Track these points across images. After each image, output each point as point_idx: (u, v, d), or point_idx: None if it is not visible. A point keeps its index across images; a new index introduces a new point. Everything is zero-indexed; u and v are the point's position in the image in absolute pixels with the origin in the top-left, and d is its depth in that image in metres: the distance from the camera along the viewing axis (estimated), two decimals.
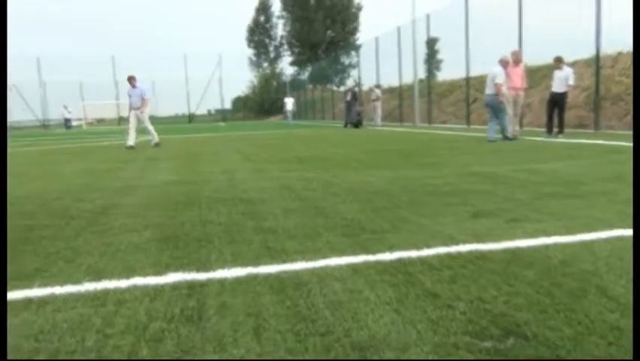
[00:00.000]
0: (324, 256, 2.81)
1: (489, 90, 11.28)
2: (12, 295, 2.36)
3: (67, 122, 40.86)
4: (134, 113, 13.64)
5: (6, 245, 3.01)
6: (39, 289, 2.43)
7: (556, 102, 11.95)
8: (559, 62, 12.03)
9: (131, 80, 13.88)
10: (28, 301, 2.27)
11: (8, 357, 1.70)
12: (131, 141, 13.19)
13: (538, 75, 17.56)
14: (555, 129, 12.01)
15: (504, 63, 11.28)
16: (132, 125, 13.58)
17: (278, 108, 54.10)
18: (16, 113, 50.32)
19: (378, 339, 1.80)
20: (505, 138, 10.98)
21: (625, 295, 2.11)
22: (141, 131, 13.99)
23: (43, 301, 2.27)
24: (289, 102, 35.40)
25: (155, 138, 13.74)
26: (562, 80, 11.79)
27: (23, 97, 50.10)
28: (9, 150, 11.59)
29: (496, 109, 11.18)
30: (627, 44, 15.05)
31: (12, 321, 2.06)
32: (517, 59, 11.83)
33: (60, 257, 2.97)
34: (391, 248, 2.91)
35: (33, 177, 7.44)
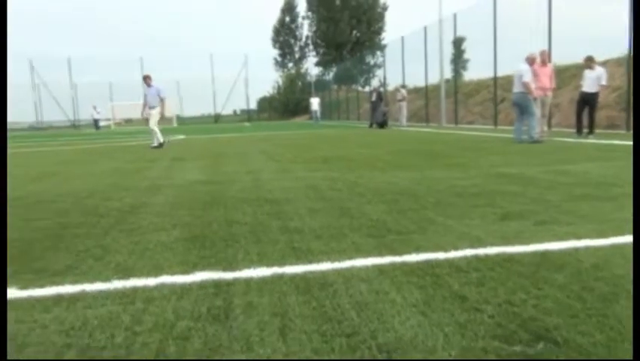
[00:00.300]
0: (350, 257, 2.80)
1: (516, 89, 11.05)
2: (44, 291, 2.42)
3: (96, 123, 41.55)
4: (151, 113, 13.70)
5: (6, 245, 3.06)
6: (70, 285, 2.48)
7: (587, 102, 11.69)
8: (590, 61, 11.76)
9: (146, 79, 13.91)
10: (60, 298, 2.32)
11: (9, 357, 1.73)
12: (156, 140, 13.35)
13: (567, 75, 17.24)
14: (585, 130, 11.75)
15: (530, 60, 11.05)
16: (152, 125, 13.69)
17: (303, 108, 54.25)
18: (47, 114, 51.56)
19: (405, 341, 1.79)
20: (531, 139, 10.64)
21: None
22: (166, 131, 14.20)
23: (74, 298, 2.31)
24: (315, 102, 35.41)
25: (158, 139, 13.50)
26: (593, 80, 11.53)
27: (55, 97, 51.26)
28: (45, 149, 11.85)
29: (523, 108, 10.93)
30: None
31: (44, 317, 2.10)
32: (545, 58, 11.59)
33: (90, 255, 3.03)
34: (418, 249, 2.89)
35: (67, 176, 7.60)
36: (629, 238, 2.97)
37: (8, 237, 3.54)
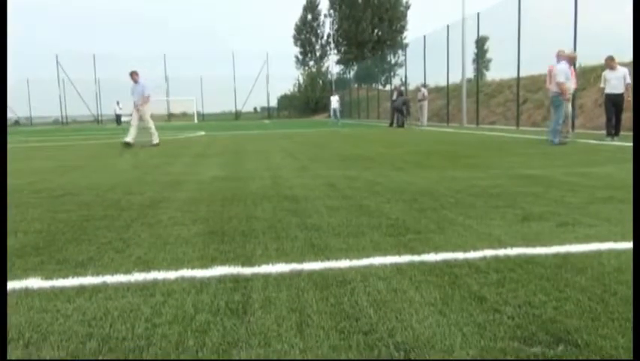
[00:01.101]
0: (369, 255, 2.80)
1: (554, 87, 10.62)
2: (67, 282, 2.47)
3: (118, 118, 41.95)
4: (139, 109, 13.17)
5: (6, 244, 3.11)
6: (92, 277, 2.52)
7: (615, 104, 11.42)
8: (612, 61, 11.48)
9: (132, 75, 13.28)
10: (82, 289, 2.36)
11: (9, 356, 1.75)
12: (129, 137, 12.73)
13: (593, 75, 16.96)
14: (613, 132, 11.52)
15: (569, 59, 10.74)
16: (134, 122, 13.16)
17: (323, 107, 54.25)
18: (71, 109, 52.36)
19: (423, 340, 1.78)
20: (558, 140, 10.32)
21: None
22: (186, 128, 14.26)
23: (95, 289, 2.35)
24: (334, 100, 34.88)
25: (155, 138, 13.16)
26: (619, 80, 11.28)
27: (79, 93, 52.04)
28: (69, 143, 12.03)
29: (553, 109, 10.67)
30: None
31: (67, 307, 2.14)
32: (572, 59, 11.35)
33: (112, 247, 3.07)
34: (437, 249, 2.87)
35: (91, 170, 7.72)
36: None
37: (34, 228, 3.62)
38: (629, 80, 11.21)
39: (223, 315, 2.03)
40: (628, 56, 15.25)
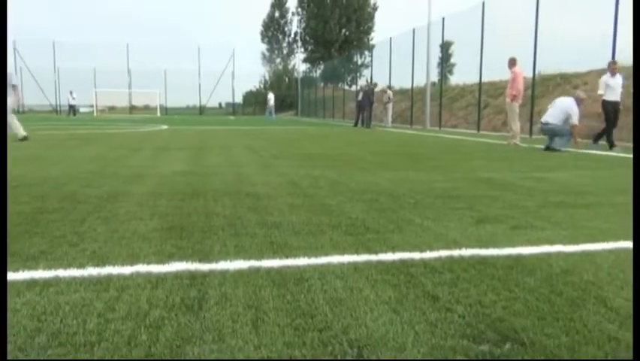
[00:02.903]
0: (327, 253, 2.82)
1: (554, 120, 10.25)
2: (17, 275, 2.40)
3: (72, 109, 40.02)
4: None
5: (6, 244, 3.03)
6: (44, 271, 2.46)
7: (616, 111, 10.83)
8: (615, 65, 10.77)
9: None
10: (33, 283, 2.30)
11: (9, 356, 1.72)
12: (20, 130, 11.59)
13: (552, 83, 17.50)
14: (601, 142, 10.82)
15: (580, 101, 10.34)
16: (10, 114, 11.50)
17: (289, 104, 54.20)
18: (28, 98, 50.70)
19: (376, 338, 1.81)
20: (552, 148, 10.17)
21: (625, 306, 2.11)
22: (148, 121, 14.02)
23: (47, 283, 2.29)
24: (272, 98, 34.98)
25: (20, 131, 11.63)
26: (619, 87, 10.74)
27: (37, 81, 50.45)
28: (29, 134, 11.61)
29: (556, 133, 10.29)
30: None
31: (16, 301, 2.09)
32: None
33: (65, 241, 3.01)
34: (394, 249, 2.92)
35: (49, 161, 7.51)
36: (600, 246, 3.04)
37: None
38: (622, 88, 10.82)
39: (178, 311, 2.02)
40: (587, 65, 15.83)
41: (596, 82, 15.80)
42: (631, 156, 9.16)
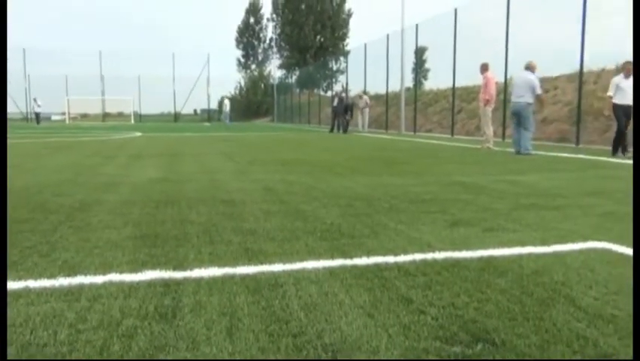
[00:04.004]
0: (302, 259, 2.83)
1: (520, 98, 10.38)
2: None
3: (37, 117, 38.26)
4: None
5: (6, 244, 2.98)
6: (13, 282, 2.42)
7: (628, 114, 9.73)
8: (630, 66, 9.59)
9: None
10: None
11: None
12: None
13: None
14: (621, 148, 9.97)
15: (533, 68, 10.48)
16: None
17: (264, 110, 54.09)
18: None
19: (350, 342, 1.82)
20: (526, 150, 10.27)
21: (593, 305, 2.16)
22: (122, 128, 13.86)
23: (16, 295, 2.25)
24: (228, 104, 34.48)
25: None
26: (631, 89, 9.44)
27: (7, 89, 49.36)
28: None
29: (523, 119, 10.44)
30: (610, 61, 15.40)
31: None
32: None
33: (35, 251, 2.95)
34: (369, 253, 2.94)
35: (19, 170, 7.35)
36: (569, 246, 3.11)
37: None
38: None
39: (151, 320, 2.00)
40: (557, 70, 16.17)
41: (566, 86, 16.21)
42: (600, 158, 9.38)
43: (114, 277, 2.50)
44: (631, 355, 1.73)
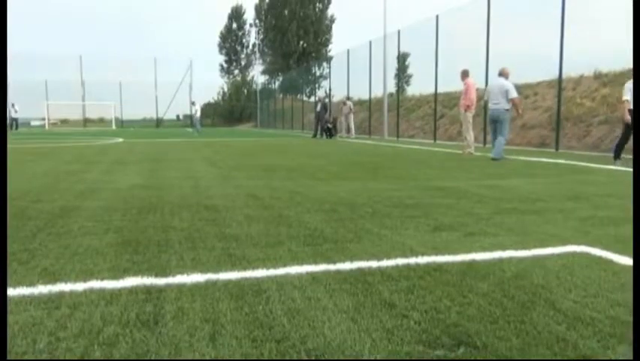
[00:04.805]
0: (285, 264, 2.83)
1: (498, 105, 10.55)
2: None
3: (14, 122, 37.30)
4: None
5: (6, 245, 2.93)
6: None
7: None
8: None
9: None
10: None
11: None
12: None
13: None
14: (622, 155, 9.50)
15: (507, 75, 10.66)
16: None
17: (247, 116, 53.96)
18: None
19: (333, 347, 1.83)
20: (499, 155, 10.33)
21: (572, 308, 2.19)
22: (104, 134, 13.72)
23: None
24: (198, 109, 32.28)
25: None
26: None
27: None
28: None
29: (500, 125, 10.57)
30: (589, 68, 15.69)
31: None
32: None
33: (14, 259, 2.91)
34: (352, 258, 2.95)
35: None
36: (549, 250, 3.15)
37: None
38: None
39: (133, 327, 1.98)
40: (537, 77, 16.40)
41: (546, 92, 16.46)
42: (579, 163, 9.52)
43: (95, 284, 2.48)
44: (612, 356, 1.76)
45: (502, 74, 10.86)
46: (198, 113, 31.24)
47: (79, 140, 20.12)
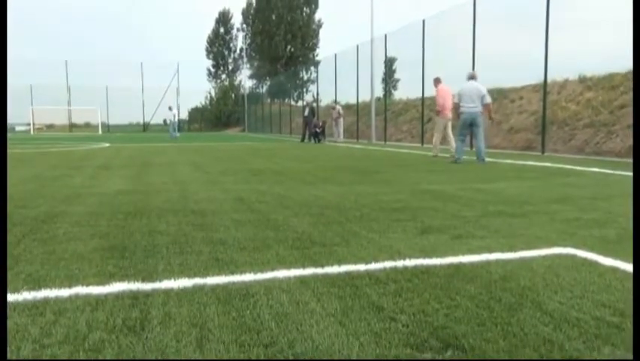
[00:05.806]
0: (273, 268, 2.82)
1: (474, 107, 10.64)
2: None
3: None
4: None
5: (6, 245, 2.89)
6: None
7: None
8: None
9: None
10: None
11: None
12: None
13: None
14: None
15: (476, 78, 10.90)
16: None
17: (235, 120, 53.85)
18: None
19: (322, 350, 1.82)
20: (482, 159, 10.47)
21: (559, 309, 2.21)
22: (89, 139, 13.62)
23: None
24: (176, 114, 30.75)
25: None
26: None
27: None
28: None
29: (476, 127, 10.73)
30: (573, 72, 15.86)
31: None
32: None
33: None
34: (340, 261, 2.95)
35: None
36: (536, 252, 3.17)
37: None
38: None
39: (119, 332, 1.96)
40: (522, 81, 16.55)
41: (531, 96, 16.61)
42: (564, 166, 9.61)
43: (80, 290, 2.45)
44: (603, 357, 1.78)
45: (474, 77, 11.09)
46: (176, 118, 30.27)
47: (64, 145, 19.94)
